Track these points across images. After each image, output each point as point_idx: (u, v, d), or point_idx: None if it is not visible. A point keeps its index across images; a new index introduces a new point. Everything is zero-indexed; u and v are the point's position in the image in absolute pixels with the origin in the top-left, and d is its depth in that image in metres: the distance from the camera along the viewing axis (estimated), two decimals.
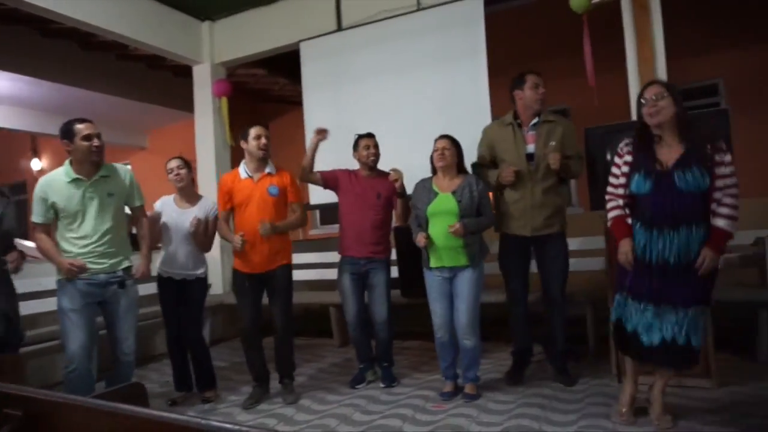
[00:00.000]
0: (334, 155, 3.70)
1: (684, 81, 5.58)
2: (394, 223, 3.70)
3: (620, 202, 2.50)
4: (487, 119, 3.99)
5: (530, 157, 3.15)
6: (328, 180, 3.53)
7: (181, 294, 3.39)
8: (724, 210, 2.29)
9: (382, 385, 3.47)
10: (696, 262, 2.30)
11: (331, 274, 4.98)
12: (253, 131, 3.28)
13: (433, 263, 3.08)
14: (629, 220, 2.47)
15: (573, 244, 3.95)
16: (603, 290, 3.35)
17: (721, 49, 5.48)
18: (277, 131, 7.86)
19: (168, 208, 3.43)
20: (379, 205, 3.43)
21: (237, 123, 5.51)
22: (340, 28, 4.70)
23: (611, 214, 2.54)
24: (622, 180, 2.47)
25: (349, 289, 3.47)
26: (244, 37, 5.25)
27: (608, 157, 3.17)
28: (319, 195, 4.61)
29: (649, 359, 2.49)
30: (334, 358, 4.33)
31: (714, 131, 2.67)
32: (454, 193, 3.05)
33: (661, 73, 3.50)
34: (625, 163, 2.47)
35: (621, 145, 2.54)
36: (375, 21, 4.50)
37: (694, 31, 5.29)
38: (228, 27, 5.37)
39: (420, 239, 3.03)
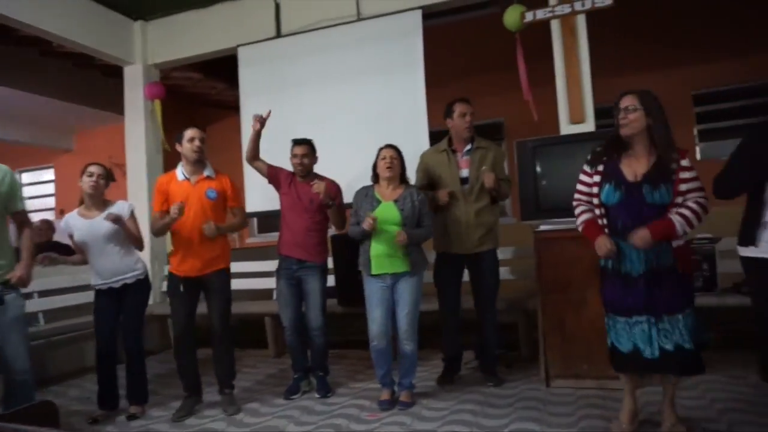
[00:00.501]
0: (273, 161, 3.64)
1: (609, 99, 5.93)
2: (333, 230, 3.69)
3: (590, 207, 2.47)
4: (424, 130, 4.07)
5: (464, 180, 3.34)
6: (271, 175, 3.54)
7: (122, 302, 3.24)
8: (681, 210, 2.27)
9: (317, 396, 3.43)
10: (668, 272, 2.31)
11: (269, 283, 4.92)
12: (188, 133, 3.21)
13: (374, 270, 3.08)
14: (601, 221, 2.43)
15: (507, 253, 4.10)
16: (534, 298, 3.48)
17: (641, 70, 5.86)
18: (214, 137, 7.66)
19: (74, 223, 3.24)
20: (312, 209, 3.42)
21: (172, 127, 5.32)
22: (279, 34, 4.66)
23: (581, 218, 2.49)
24: (595, 189, 2.43)
25: (285, 295, 3.45)
26: (179, 38, 5.10)
27: (538, 169, 3.32)
28: (256, 203, 4.54)
29: (652, 370, 2.39)
30: (269, 369, 4.24)
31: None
32: (396, 202, 3.08)
33: (587, 90, 3.70)
34: (597, 172, 2.44)
35: (591, 154, 2.49)
36: (315, 29, 4.49)
37: (617, 53, 5.63)
38: (162, 28, 5.20)
39: (368, 222, 2.96)
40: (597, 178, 2.42)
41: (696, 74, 5.82)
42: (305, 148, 3.46)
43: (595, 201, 2.44)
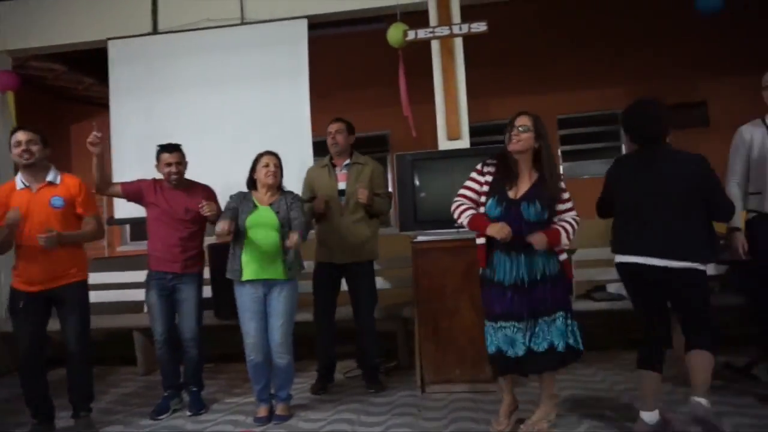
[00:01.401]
0: (143, 167, 3.41)
1: (483, 119, 6.34)
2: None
3: (473, 206, 2.59)
4: (307, 140, 4.06)
5: (341, 192, 3.47)
6: (130, 193, 3.29)
7: None
8: (562, 223, 2.54)
9: (188, 413, 3.25)
10: (544, 281, 2.50)
11: (140, 294, 4.57)
12: (14, 137, 2.89)
13: (246, 275, 2.96)
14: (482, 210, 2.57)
15: (387, 262, 4.19)
16: (412, 307, 3.58)
17: (512, 94, 6.35)
18: (82, 135, 7.02)
19: None
20: (188, 219, 3.24)
21: (29, 122, 4.78)
22: (156, 30, 4.39)
23: (466, 215, 2.57)
24: (482, 199, 2.57)
25: (157, 306, 3.23)
26: (38, 25, 4.59)
27: (416, 182, 3.45)
28: (125, 208, 4.21)
29: (533, 370, 2.59)
30: (136, 388, 3.93)
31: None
32: (272, 205, 3.03)
33: (463, 109, 3.92)
34: (486, 182, 2.59)
35: (481, 165, 2.63)
36: (196, 29, 4.29)
37: (492, 77, 6.05)
38: (17, 11, 4.64)
39: (223, 227, 2.84)
40: (486, 188, 2.58)
41: (561, 100, 6.41)
42: (179, 156, 3.24)
43: (482, 210, 2.58)
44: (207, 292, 3.57)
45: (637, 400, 2.64)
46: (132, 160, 3.26)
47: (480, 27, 3.69)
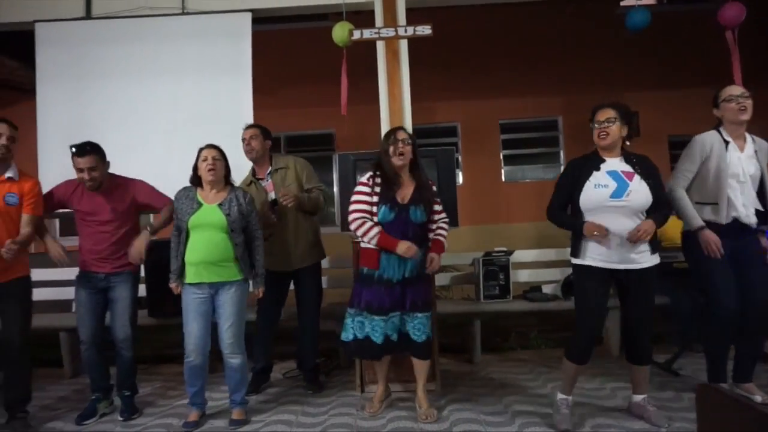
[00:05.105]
0: (69, 157, 3.22)
1: (430, 121, 6.44)
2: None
3: (370, 218, 2.82)
4: None
5: (274, 203, 3.37)
6: (55, 207, 3.13)
7: None
8: (441, 232, 2.93)
9: (120, 418, 3.11)
10: (421, 274, 2.86)
11: (66, 293, 4.34)
12: None
13: (190, 278, 2.85)
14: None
15: (327, 261, 4.15)
16: None
17: (458, 98, 6.48)
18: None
19: None
20: (116, 220, 3.08)
21: None
22: (89, 15, 4.17)
23: (373, 232, 2.78)
24: (374, 209, 2.81)
25: (85, 304, 3.08)
26: None
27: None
28: None
29: (391, 351, 2.92)
30: (62, 391, 3.73)
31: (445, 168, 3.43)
32: (220, 205, 2.88)
33: (407, 111, 3.94)
34: (375, 192, 2.81)
35: (366, 177, 2.87)
36: (132, 16, 4.11)
37: (438, 81, 6.15)
38: None
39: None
40: (375, 198, 2.81)
41: (503, 105, 6.60)
42: (92, 160, 2.96)
43: (375, 219, 2.82)
44: (141, 290, 3.43)
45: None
46: (57, 149, 3.07)
47: (425, 30, 3.73)
